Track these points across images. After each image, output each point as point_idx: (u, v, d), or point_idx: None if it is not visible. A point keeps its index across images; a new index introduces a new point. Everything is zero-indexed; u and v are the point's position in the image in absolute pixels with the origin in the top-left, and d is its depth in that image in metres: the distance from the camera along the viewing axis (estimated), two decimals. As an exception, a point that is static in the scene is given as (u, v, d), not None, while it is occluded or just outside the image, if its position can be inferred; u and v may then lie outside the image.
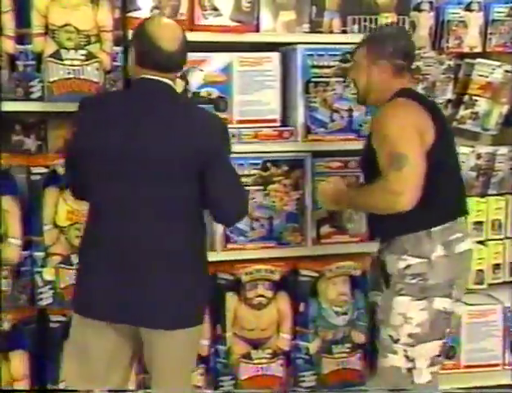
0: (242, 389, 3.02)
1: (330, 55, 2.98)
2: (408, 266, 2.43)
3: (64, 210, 2.75)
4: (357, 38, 2.79)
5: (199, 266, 2.29)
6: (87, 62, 2.74)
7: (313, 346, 3.05)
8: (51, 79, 2.72)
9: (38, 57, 2.71)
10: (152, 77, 2.22)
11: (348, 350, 3.09)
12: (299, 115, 2.98)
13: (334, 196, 2.63)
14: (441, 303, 2.44)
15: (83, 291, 2.27)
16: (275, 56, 2.97)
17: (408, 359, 2.48)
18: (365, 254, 3.06)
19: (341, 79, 2.98)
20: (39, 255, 2.74)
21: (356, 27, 3.02)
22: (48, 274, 2.74)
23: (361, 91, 2.59)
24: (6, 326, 2.69)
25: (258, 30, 2.95)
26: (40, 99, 2.74)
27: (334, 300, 3.05)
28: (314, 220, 3.02)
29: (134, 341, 2.31)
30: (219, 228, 2.93)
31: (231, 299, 3.00)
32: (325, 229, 3.03)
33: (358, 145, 2.79)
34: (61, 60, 2.72)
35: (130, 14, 2.80)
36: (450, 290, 2.46)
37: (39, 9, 2.68)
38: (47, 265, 2.75)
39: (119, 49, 2.78)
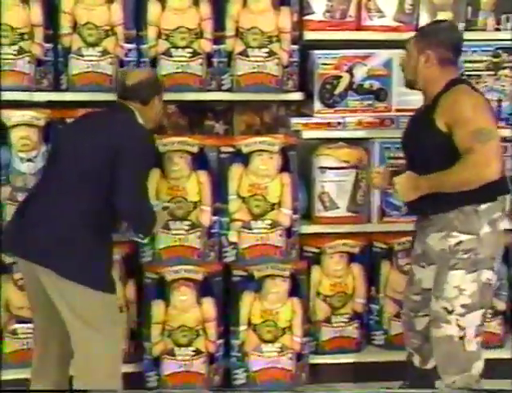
0: (394, 344, 3.33)
1: (483, 51, 3.21)
2: (460, 242, 2.60)
3: (246, 183, 3.10)
4: (508, 34, 3.04)
5: (95, 242, 2.57)
6: (268, 59, 3.11)
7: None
8: (239, 73, 3.12)
9: (229, 55, 3.12)
10: (119, 101, 2.82)
11: (489, 317, 3.26)
12: (452, 105, 3.26)
13: (413, 184, 2.63)
14: (487, 275, 2.63)
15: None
16: (431, 52, 3.26)
17: (460, 327, 2.63)
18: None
19: (492, 73, 3.21)
20: (225, 220, 3.12)
21: (509, 25, 3.22)
22: (232, 236, 3.14)
23: (408, 76, 2.76)
24: (200, 277, 3.10)
25: (416, 29, 3.16)
26: (229, 90, 3.14)
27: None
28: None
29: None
30: (376, 203, 3.30)
31: (384, 265, 3.34)
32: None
33: (508, 133, 3.12)
34: (248, 57, 3.11)
35: (306, 17, 3.19)
36: (493, 263, 2.64)
37: (232, 15, 3.10)
38: (231, 229, 3.15)
39: (295, 47, 3.14)
